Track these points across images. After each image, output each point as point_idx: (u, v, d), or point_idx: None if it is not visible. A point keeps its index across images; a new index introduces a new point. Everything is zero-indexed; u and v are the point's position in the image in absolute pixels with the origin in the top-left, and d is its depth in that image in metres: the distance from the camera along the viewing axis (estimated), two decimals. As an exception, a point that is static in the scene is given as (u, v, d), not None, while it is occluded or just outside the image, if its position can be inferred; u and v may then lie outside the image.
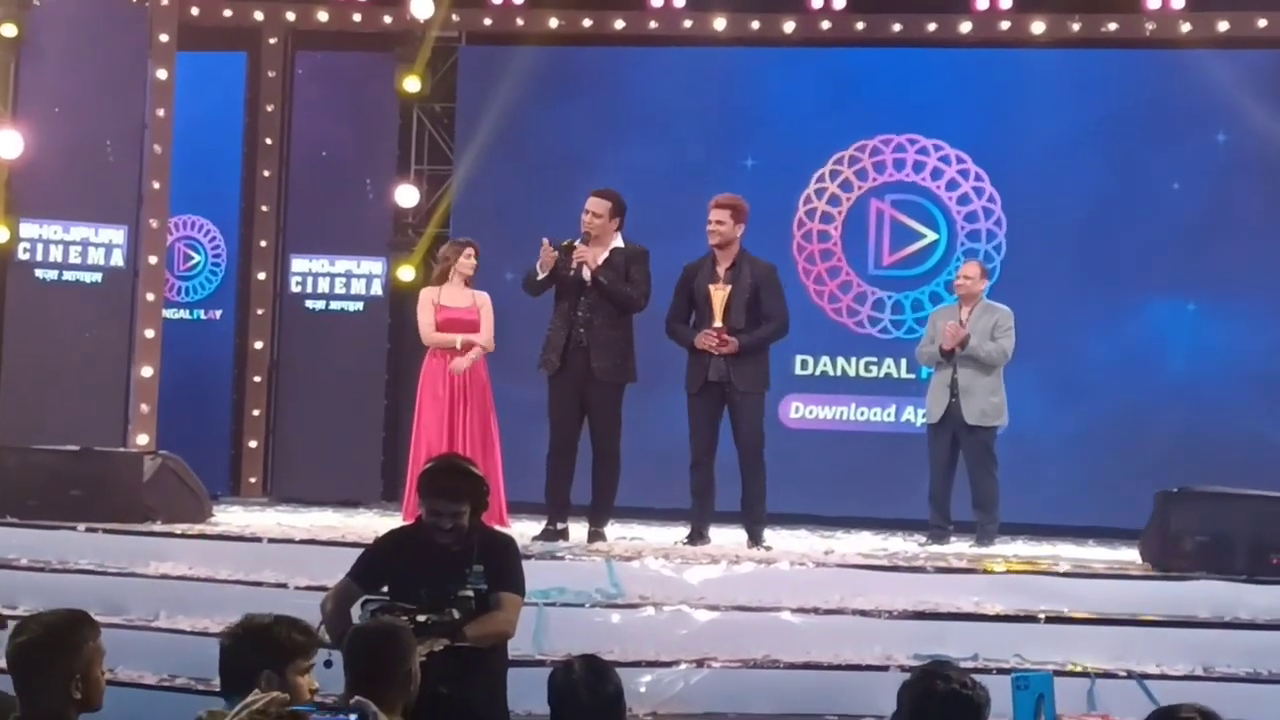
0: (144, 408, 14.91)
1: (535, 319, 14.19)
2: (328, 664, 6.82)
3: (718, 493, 11.88)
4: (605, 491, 11.87)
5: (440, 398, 12.25)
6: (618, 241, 11.79)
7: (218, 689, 5.88)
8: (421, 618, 6.68)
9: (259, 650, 5.64)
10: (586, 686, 5.66)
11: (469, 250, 12.58)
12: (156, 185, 15.13)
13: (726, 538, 11.90)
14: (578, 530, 11.93)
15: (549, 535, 11.66)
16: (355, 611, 7.03)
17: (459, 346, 12.29)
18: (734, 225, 11.70)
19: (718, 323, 11.56)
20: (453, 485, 7.24)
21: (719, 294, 11.58)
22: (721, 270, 11.70)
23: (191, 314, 16.90)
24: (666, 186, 15.08)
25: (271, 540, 11.36)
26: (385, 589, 7.10)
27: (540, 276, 11.70)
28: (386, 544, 7.55)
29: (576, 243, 11.70)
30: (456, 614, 6.91)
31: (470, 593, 7.01)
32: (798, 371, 15.49)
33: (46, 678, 5.14)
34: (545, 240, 11.72)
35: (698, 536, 11.70)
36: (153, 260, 15.16)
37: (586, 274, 11.66)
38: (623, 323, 11.76)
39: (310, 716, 4.72)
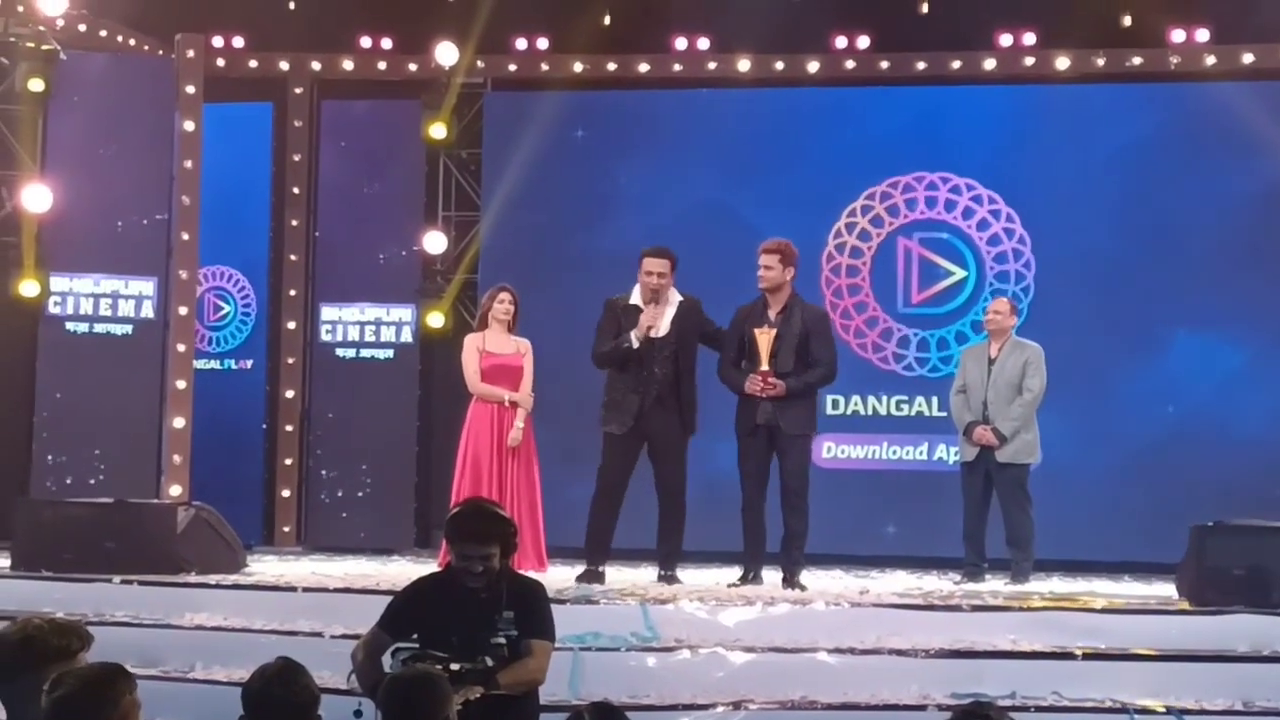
0: (176, 459, 14.94)
1: (567, 366, 14.26)
2: (358, 714, 6.82)
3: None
4: (676, 538, 12.06)
5: (489, 445, 12.27)
6: (676, 296, 11.96)
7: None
8: (455, 666, 6.65)
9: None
10: None
11: (502, 296, 12.61)
12: (185, 236, 15.19)
13: (764, 578, 11.89)
14: (613, 574, 11.97)
15: (592, 577, 11.76)
16: (386, 660, 7.01)
17: (506, 402, 12.31)
18: (783, 269, 11.77)
19: (764, 366, 11.60)
20: (481, 529, 7.22)
21: (764, 338, 11.63)
22: (772, 314, 11.79)
23: (222, 364, 16.93)
24: (693, 228, 15.10)
25: (306, 589, 11.37)
26: (415, 637, 7.07)
27: (635, 346, 11.78)
28: (415, 592, 7.51)
29: (644, 316, 11.83)
30: (489, 661, 6.89)
31: (502, 640, 6.98)
32: (830, 411, 15.45)
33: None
34: (643, 303, 11.84)
35: (751, 578, 11.77)
36: (183, 311, 15.20)
37: (654, 330, 11.80)
38: (692, 379, 11.96)
39: None
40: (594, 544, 12.01)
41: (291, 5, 16.14)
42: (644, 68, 16.66)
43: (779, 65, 16.43)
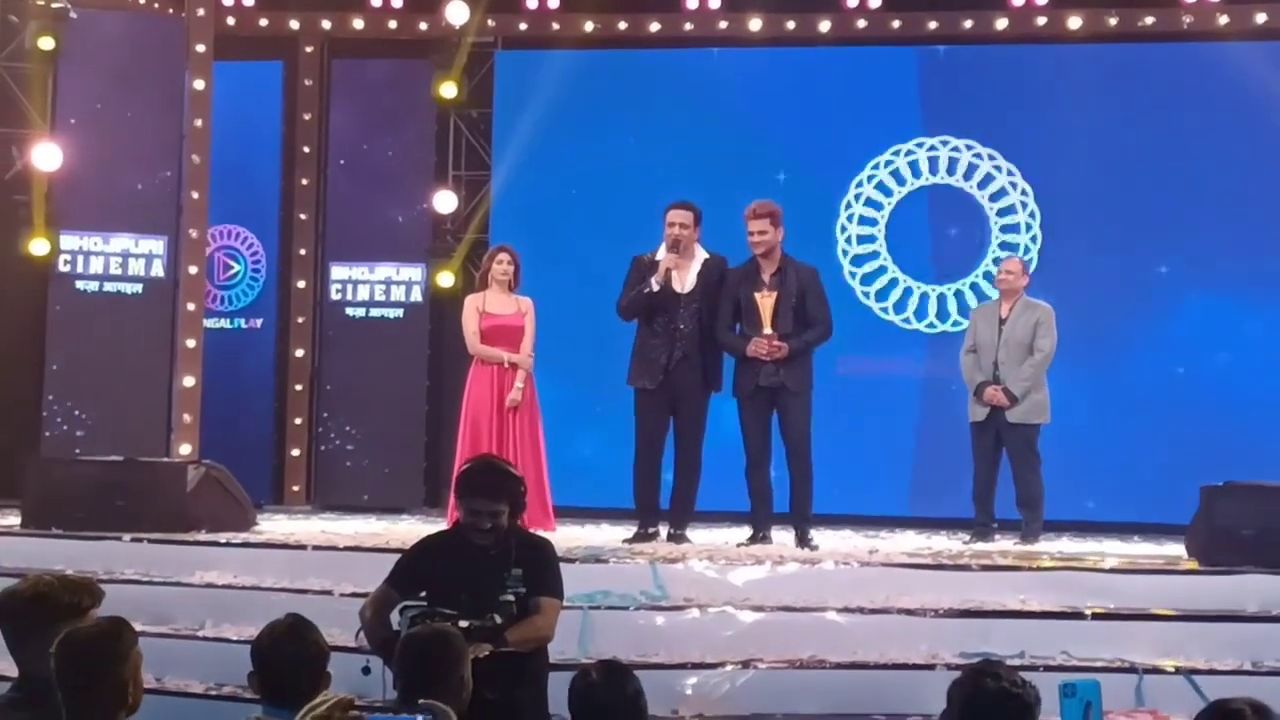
0: (186, 417, 14.94)
1: (577, 325, 14.24)
2: (366, 670, 6.84)
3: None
4: (689, 496, 12.10)
5: (489, 405, 12.30)
6: (703, 253, 11.96)
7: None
8: (463, 623, 6.66)
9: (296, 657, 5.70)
10: (605, 689, 5.65)
11: (501, 256, 12.63)
12: (195, 195, 15.15)
13: (772, 537, 11.91)
14: (623, 531, 12.06)
15: (641, 539, 11.82)
16: (394, 617, 7.02)
17: (505, 364, 12.33)
18: (775, 231, 11.80)
19: (767, 329, 11.62)
20: (491, 484, 7.24)
21: (766, 301, 11.66)
22: (767, 276, 11.80)
23: (232, 323, 16.92)
24: (704, 188, 15.04)
25: (315, 548, 11.41)
26: (424, 594, 7.08)
27: (655, 290, 11.75)
28: (423, 549, 7.53)
29: (664, 260, 11.83)
30: (498, 619, 6.90)
31: (511, 597, 6.99)
32: (839, 371, 15.45)
33: (99, 687, 5.15)
34: (665, 252, 11.88)
35: (759, 538, 11.79)
36: (193, 270, 15.18)
37: (678, 285, 11.81)
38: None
39: None
40: (640, 505, 12.10)
41: (302, -36, 16.13)
42: (655, 27, 16.61)
43: (790, 24, 16.37)
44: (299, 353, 16.84)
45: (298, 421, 16.79)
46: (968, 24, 16.14)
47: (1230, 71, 15.04)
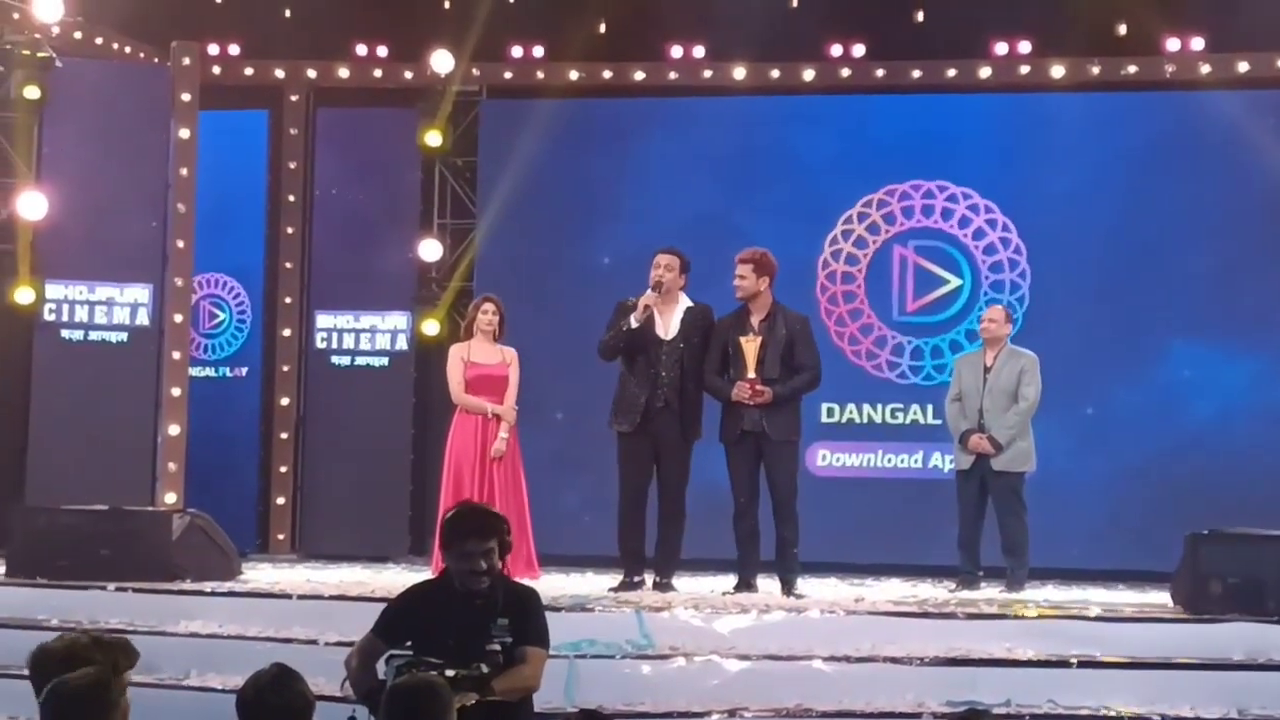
0: (171, 466, 14.92)
1: (561, 373, 14.23)
2: (352, 720, 6.82)
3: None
4: (674, 544, 12.08)
5: (472, 455, 12.29)
6: (687, 301, 11.97)
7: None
8: (450, 672, 6.64)
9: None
10: None
11: (485, 306, 12.64)
12: (180, 244, 15.16)
13: (758, 585, 11.89)
14: (609, 580, 12.03)
15: (626, 589, 11.79)
16: (380, 667, 7.00)
17: (489, 415, 12.33)
18: (757, 279, 11.80)
19: (750, 374, 11.62)
20: (480, 524, 7.23)
21: (750, 346, 11.67)
22: (755, 322, 11.81)
23: (217, 372, 16.90)
24: (688, 237, 15.08)
25: (301, 597, 11.40)
26: (409, 643, 7.06)
27: (634, 326, 11.76)
28: (410, 598, 7.51)
29: (644, 298, 11.84)
30: (484, 668, 6.88)
31: (497, 646, 6.97)
32: (824, 419, 15.47)
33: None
34: (645, 297, 11.86)
35: (745, 585, 11.77)
36: (178, 319, 15.18)
37: (661, 331, 11.85)
38: (697, 384, 11.97)
39: None
40: (625, 553, 12.10)
41: (287, 13, 16.10)
42: (639, 75, 16.65)
43: (774, 73, 16.41)
44: (284, 401, 16.82)
45: (283, 470, 16.76)
46: (951, 73, 16.20)
47: (1213, 120, 15.11)
